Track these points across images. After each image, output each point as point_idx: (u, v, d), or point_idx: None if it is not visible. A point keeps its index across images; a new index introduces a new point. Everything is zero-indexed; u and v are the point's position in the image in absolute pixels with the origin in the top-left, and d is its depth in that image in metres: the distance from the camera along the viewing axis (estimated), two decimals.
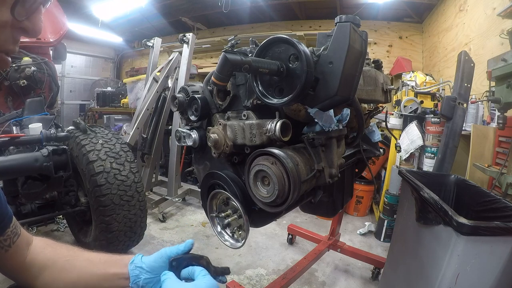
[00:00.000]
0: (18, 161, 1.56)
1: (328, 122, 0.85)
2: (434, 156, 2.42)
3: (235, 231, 0.97)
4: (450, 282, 1.04)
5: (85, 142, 1.90)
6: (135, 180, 1.99)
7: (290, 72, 0.74)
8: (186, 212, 3.32)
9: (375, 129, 1.44)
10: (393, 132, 2.60)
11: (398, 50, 4.69)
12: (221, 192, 0.95)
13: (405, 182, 1.54)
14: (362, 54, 0.78)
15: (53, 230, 2.61)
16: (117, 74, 7.94)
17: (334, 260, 2.36)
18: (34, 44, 2.42)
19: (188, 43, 3.13)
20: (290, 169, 0.74)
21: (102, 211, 1.85)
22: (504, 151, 1.90)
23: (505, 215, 1.20)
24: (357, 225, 3.05)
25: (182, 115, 1.08)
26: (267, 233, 2.78)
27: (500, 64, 1.56)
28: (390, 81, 1.73)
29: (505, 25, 2.28)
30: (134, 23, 5.92)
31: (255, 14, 5.14)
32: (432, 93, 2.80)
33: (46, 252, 0.72)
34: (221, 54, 0.68)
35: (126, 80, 5.42)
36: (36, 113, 2.10)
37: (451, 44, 3.44)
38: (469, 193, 1.49)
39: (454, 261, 1.03)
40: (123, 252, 2.21)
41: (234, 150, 0.91)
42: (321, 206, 1.27)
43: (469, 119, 2.32)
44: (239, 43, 0.88)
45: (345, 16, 0.73)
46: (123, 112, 5.44)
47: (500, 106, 1.58)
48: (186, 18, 5.46)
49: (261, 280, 2.11)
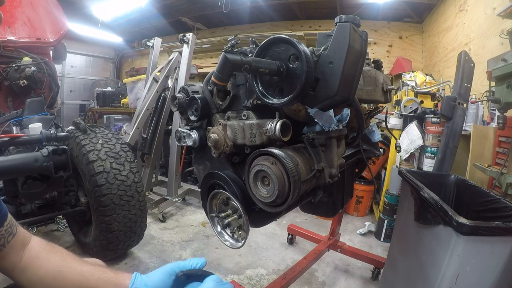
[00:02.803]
0: (18, 161, 1.56)
1: (328, 122, 0.85)
2: (434, 156, 2.42)
3: (235, 231, 0.97)
4: (450, 282, 1.04)
5: (85, 142, 1.90)
6: (135, 180, 1.99)
7: (290, 72, 0.74)
8: (186, 212, 3.32)
9: (375, 129, 1.44)
10: (393, 132, 2.60)
11: (398, 50, 4.69)
12: (221, 192, 0.95)
13: (405, 182, 1.54)
14: (362, 54, 0.78)
15: (53, 230, 2.61)
16: (117, 74, 7.94)
17: (334, 260, 2.36)
18: (34, 44, 2.42)
19: (188, 43, 3.13)
20: (290, 169, 0.74)
21: (102, 211, 1.85)
22: (504, 151, 1.90)
23: (505, 215, 1.20)
24: (357, 225, 3.05)
25: (182, 115, 1.08)
26: (267, 233, 2.78)
27: (500, 64, 1.56)
28: (390, 81, 1.73)
29: (505, 25, 2.28)
30: (134, 23, 5.92)
31: (255, 14, 5.14)
32: (432, 93, 2.80)
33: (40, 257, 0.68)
34: (221, 54, 0.68)
35: (126, 80, 5.42)
36: (36, 113, 2.10)
37: (451, 44, 3.44)
38: (469, 193, 1.49)
39: (454, 261, 1.03)
40: (123, 252, 2.21)
41: (234, 150, 0.91)
42: (321, 206, 1.27)
43: (469, 119, 2.32)
44: (239, 43, 0.88)
45: (345, 16, 0.73)
46: (123, 112, 5.43)
47: (500, 106, 1.58)
48: (186, 18, 5.46)
49: (261, 280, 2.11)
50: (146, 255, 2.33)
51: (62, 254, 0.70)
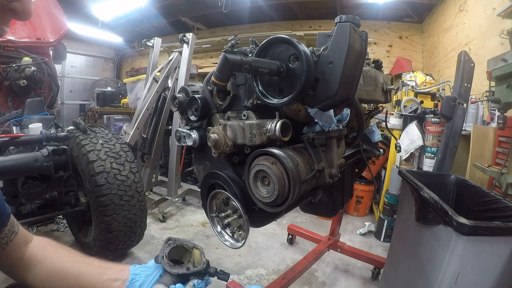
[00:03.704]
0: (18, 161, 1.56)
1: (328, 122, 0.85)
2: (434, 156, 2.42)
3: (235, 231, 0.97)
4: (450, 282, 1.05)
5: (85, 142, 1.90)
6: (135, 180, 1.99)
7: (290, 72, 0.74)
8: (186, 212, 3.32)
9: (375, 129, 1.44)
10: (393, 132, 2.60)
11: (398, 50, 4.69)
12: (221, 192, 0.95)
13: (405, 182, 1.54)
14: (362, 54, 0.78)
15: (53, 230, 2.61)
16: (117, 74, 7.94)
17: (334, 260, 2.36)
18: (34, 44, 2.42)
19: (188, 43, 3.13)
20: (290, 169, 0.74)
21: (102, 211, 1.85)
22: (504, 151, 1.90)
23: (505, 215, 1.20)
24: (357, 225, 3.05)
25: (182, 115, 1.08)
26: (267, 233, 2.78)
27: (500, 64, 1.56)
28: (390, 81, 1.73)
29: (505, 25, 2.28)
30: (134, 23, 5.92)
31: (255, 14, 5.14)
32: (432, 93, 2.79)
33: (46, 250, 0.73)
34: (221, 54, 0.68)
35: (126, 80, 5.42)
36: (36, 113, 2.10)
37: (451, 44, 3.44)
38: (469, 193, 1.49)
39: (454, 261, 1.03)
40: (123, 252, 2.21)
41: (234, 150, 0.91)
42: (321, 206, 1.27)
43: (469, 119, 2.32)
44: (239, 43, 0.88)
45: (345, 16, 0.73)
46: (123, 112, 5.44)
47: (500, 106, 1.58)
48: (186, 18, 5.46)
49: (261, 280, 2.11)
50: (146, 255, 2.33)
51: (68, 249, 0.77)
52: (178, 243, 0.74)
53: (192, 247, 0.74)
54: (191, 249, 0.74)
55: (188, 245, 0.75)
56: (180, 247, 0.75)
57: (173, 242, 0.74)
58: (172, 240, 0.75)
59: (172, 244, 0.74)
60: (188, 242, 0.76)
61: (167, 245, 0.73)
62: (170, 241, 0.75)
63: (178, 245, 0.74)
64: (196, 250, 0.74)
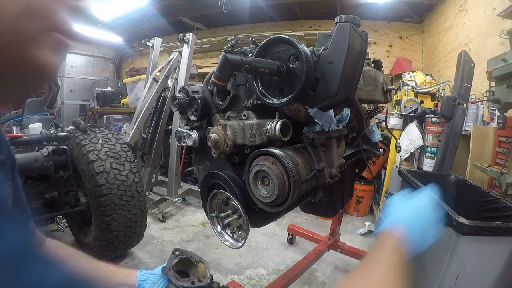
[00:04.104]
0: (18, 161, 1.56)
1: (328, 122, 0.85)
2: (434, 156, 2.42)
3: (235, 231, 0.97)
4: (450, 282, 1.05)
5: (85, 142, 1.90)
6: (135, 180, 1.99)
7: (290, 72, 0.74)
8: (186, 212, 3.32)
9: (375, 129, 1.44)
10: (393, 132, 2.60)
11: (398, 50, 4.69)
12: (221, 192, 0.95)
13: (405, 182, 1.54)
14: (362, 54, 0.78)
15: (53, 230, 2.61)
16: (117, 74, 7.94)
17: (334, 260, 2.36)
18: None
19: (188, 43, 3.13)
20: (290, 169, 0.74)
21: (102, 211, 1.85)
22: (504, 151, 1.90)
23: (505, 215, 1.20)
24: (357, 225, 3.05)
25: (182, 115, 1.08)
26: (267, 233, 2.78)
27: (500, 64, 1.56)
28: (390, 81, 1.73)
29: (505, 25, 2.28)
30: (134, 23, 5.91)
31: (255, 14, 5.14)
32: (432, 93, 2.79)
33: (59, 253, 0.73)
34: (221, 54, 0.68)
35: (126, 80, 5.42)
36: (36, 113, 2.10)
37: (451, 44, 3.44)
38: (469, 193, 1.49)
39: (454, 261, 1.03)
40: (123, 252, 2.21)
41: (234, 150, 0.91)
42: (321, 206, 1.27)
43: (469, 119, 2.32)
44: (239, 43, 0.88)
45: (345, 16, 0.73)
46: (123, 112, 5.43)
47: (500, 106, 1.58)
48: (186, 18, 5.46)
49: (261, 280, 2.11)
50: (146, 255, 2.33)
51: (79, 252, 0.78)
52: (185, 256, 0.76)
53: (198, 261, 0.76)
54: (197, 262, 0.76)
55: (194, 259, 0.76)
56: (186, 259, 0.76)
57: (180, 253, 0.76)
58: (180, 251, 0.77)
59: (179, 256, 0.75)
60: (195, 255, 0.77)
61: (174, 256, 0.75)
62: (178, 252, 0.76)
63: (185, 257, 0.76)
64: (202, 264, 0.75)
